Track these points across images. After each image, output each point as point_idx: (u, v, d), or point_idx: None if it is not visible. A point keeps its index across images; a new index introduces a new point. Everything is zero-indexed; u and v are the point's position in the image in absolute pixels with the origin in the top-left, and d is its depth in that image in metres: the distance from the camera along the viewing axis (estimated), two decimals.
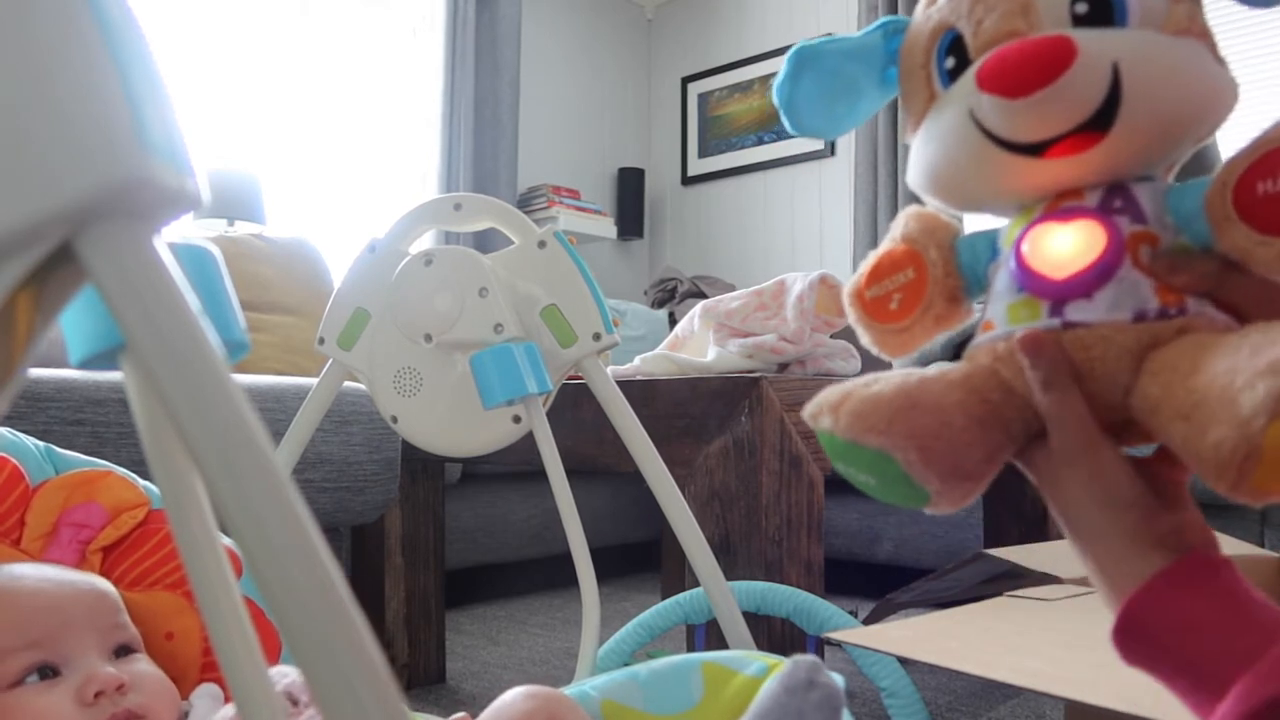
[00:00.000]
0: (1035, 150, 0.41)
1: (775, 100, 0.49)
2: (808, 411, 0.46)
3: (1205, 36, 0.43)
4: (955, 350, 2.44)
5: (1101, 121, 0.40)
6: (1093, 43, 0.40)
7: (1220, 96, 0.42)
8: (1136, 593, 0.38)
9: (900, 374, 0.45)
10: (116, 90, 0.22)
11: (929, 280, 0.48)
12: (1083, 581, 0.84)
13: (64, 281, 0.24)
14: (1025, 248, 0.44)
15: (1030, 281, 0.43)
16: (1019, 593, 0.87)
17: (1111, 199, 0.42)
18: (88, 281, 0.22)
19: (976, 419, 0.43)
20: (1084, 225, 0.42)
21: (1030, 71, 0.40)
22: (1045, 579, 0.91)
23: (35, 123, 0.21)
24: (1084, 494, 0.41)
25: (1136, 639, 0.39)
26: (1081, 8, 0.42)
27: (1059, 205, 0.43)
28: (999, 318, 0.44)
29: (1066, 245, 0.42)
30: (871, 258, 0.50)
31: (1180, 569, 0.38)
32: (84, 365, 0.29)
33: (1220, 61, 0.43)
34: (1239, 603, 0.37)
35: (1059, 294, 0.42)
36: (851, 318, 0.51)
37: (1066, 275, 0.42)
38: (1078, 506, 0.42)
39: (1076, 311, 0.41)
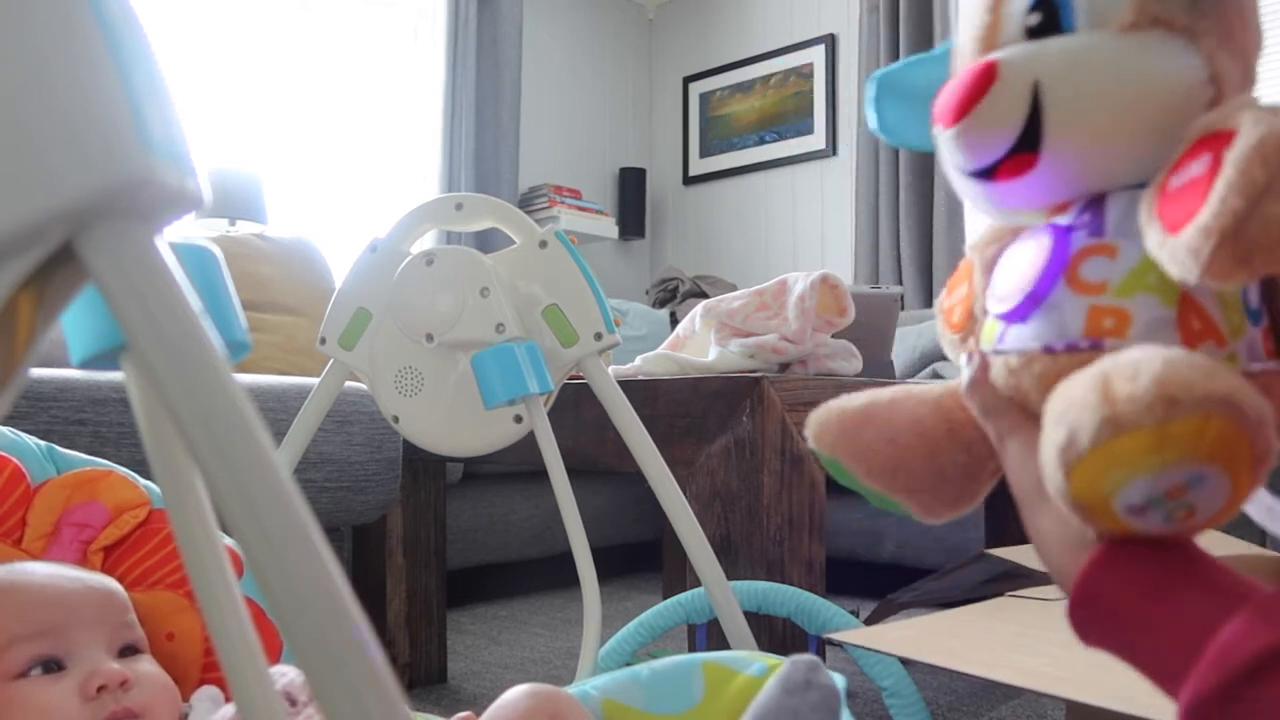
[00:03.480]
0: (985, 175, 0.42)
1: (871, 127, 0.52)
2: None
3: (1168, 24, 0.40)
4: None
5: (1030, 142, 0.40)
6: (1017, 63, 0.40)
7: (1179, 93, 0.39)
8: (1087, 566, 0.37)
9: (886, 390, 0.47)
10: (118, 90, 0.22)
11: (975, 297, 0.49)
12: None
13: (65, 281, 0.24)
14: (996, 268, 0.45)
15: (991, 303, 0.44)
16: (1020, 593, 0.86)
17: (1084, 212, 0.42)
18: (89, 281, 0.22)
19: (928, 438, 0.45)
20: (1034, 245, 0.42)
21: (955, 101, 0.41)
22: (1047, 579, 0.90)
23: (37, 123, 0.21)
24: (1051, 538, 0.40)
25: (1091, 614, 0.37)
26: (1034, 19, 0.42)
27: (1050, 221, 0.43)
28: (981, 337, 0.45)
29: (1014, 269, 0.43)
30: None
31: (1129, 540, 0.36)
32: (85, 365, 0.29)
33: (1195, 50, 0.40)
34: (1194, 564, 0.36)
35: (1005, 318, 0.43)
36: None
37: (1008, 303, 0.42)
38: (1041, 542, 0.41)
39: (1010, 338, 0.42)
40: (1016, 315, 0.42)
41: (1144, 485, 0.33)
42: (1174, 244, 0.35)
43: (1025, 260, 0.42)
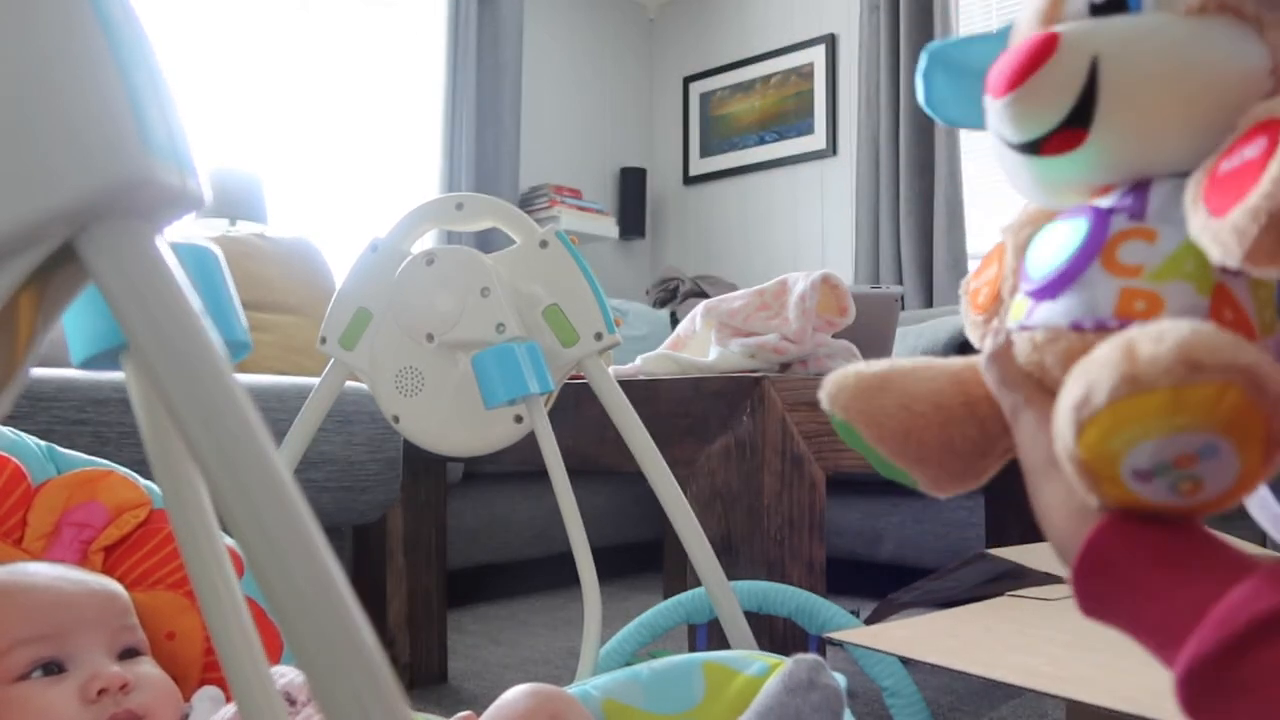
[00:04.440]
0: (1032, 149, 0.41)
1: (919, 99, 0.51)
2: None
3: (1237, 11, 0.40)
4: (958, 348, 2.44)
5: (1081, 118, 0.40)
6: (1078, 36, 0.40)
7: (1239, 81, 0.39)
8: (1093, 531, 0.37)
9: (908, 359, 0.48)
10: (119, 91, 0.22)
11: (1003, 279, 0.48)
12: None
13: (66, 281, 0.25)
14: (1030, 247, 0.44)
15: (1022, 281, 0.44)
16: (1020, 592, 0.87)
17: (1126, 195, 0.41)
18: (90, 281, 0.22)
19: (943, 409, 0.46)
20: (1071, 224, 0.42)
21: (1010, 70, 0.41)
22: (1046, 579, 0.91)
23: (38, 123, 0.21)
24: (1056, 510, 0.40)
25: (1096, 582, 0.37)
26: None
27: (1088, 203, 0.43)
28: (1008, 314, 0.45)
29: (1049, 246, 0.42)
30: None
31: (1136, 511, 0.36)
32: (86, 366, 0.30)
33: (1260, 40, 0.40)
34: (1200, 536, 0.36)
35: (1035, 295, 0.42)
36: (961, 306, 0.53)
37: (1039, 278, 0.42)
38: (1046, 514, 0.41)
39: (1038, 314, 0.42)
40: (1047, 292, 0.41)
41: (1153, 448, 0.33)
42: (1219, 225, 0.35)
43: (1061, 239, 0.42)
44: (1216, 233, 0.35)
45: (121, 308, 0.21)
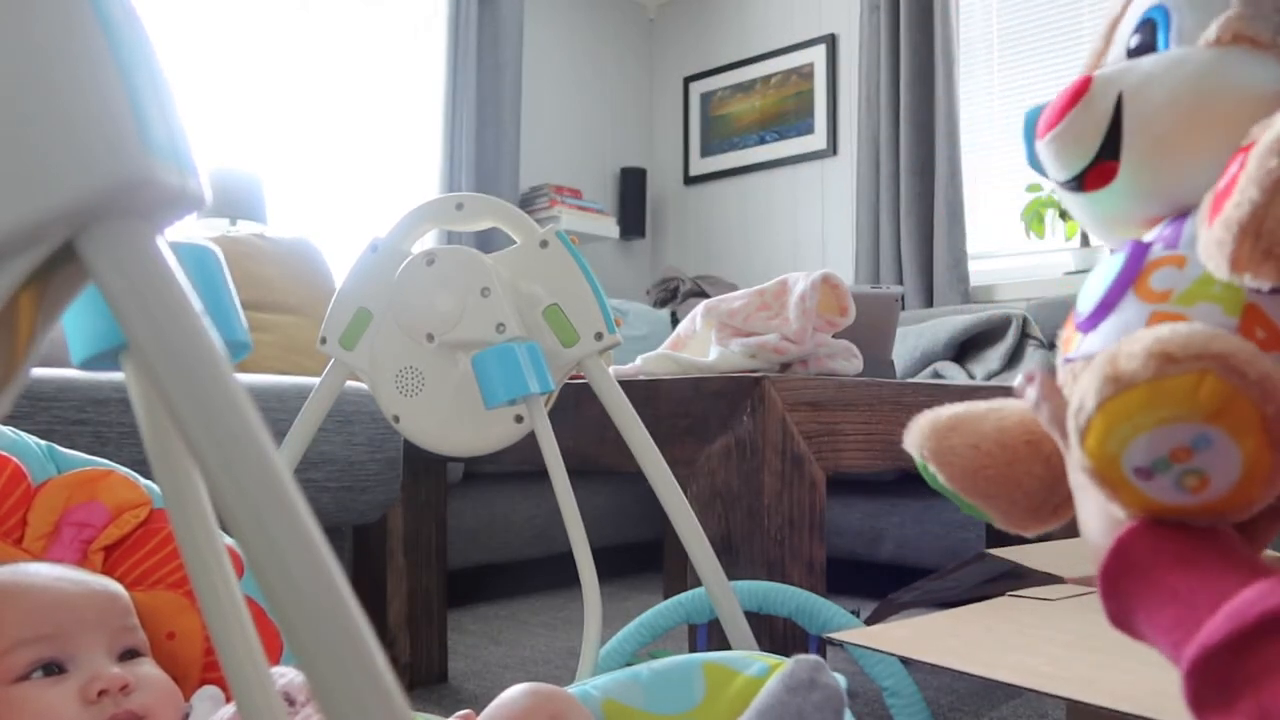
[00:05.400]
0: (1076, 185, 0.44)
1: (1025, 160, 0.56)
2: None
3: (1253, 41, 0.42)
4: (958, 348, 2.44)
5: (1112, 150, 0.42)
6: (1108, 77, 0.43)
7: (1251, 101, 0.41)
8: (1119, 535, 0.37)
9: (983, 402, 0.51)
10: (119, 90, 0.22)
11: None
12: (1085, 581, 0.84)
13: (66, 281, 0.25)
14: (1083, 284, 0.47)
15: (1073, 316, 0.46)
16: (1021, 592, 0.86)
17: (1168, 228, 0.43)
18: (90, 281, 0.22)
19: (1008, 447, 0.48)
20: (1114, 259, 0.44)
21: (1049, 113, 0.45)
22: (1047, 579, 0.90)
23: (38, 123, 0.21)
24: (1092, 522, 0.41)
25: (1120, 584, 0.37)
26: (1134, 40, 0.45)
27: (1136, 239, 0.45)
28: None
29: (1093, 280, 0.45)
30: None
31: (1161, 520, 0.37)
32: (86, 366, 0.30)
33: (1278, 64, 0.42)
34: (1223, 544, 0.36)
35: (1081, 328, 0.44)
36: None
37: (1084, 311, 0.44)
38: (1084, 527, 0.42)
39: (1082, 346, 0.44)
40: (1089, 323, 0.43)
41: (1146, 443, 0.33)
42: (1205, 239, 0.36)
43: (1103, 272, 0.44)
44: (1205, 247, 0.37)
45: (121, 308, 0.21)
